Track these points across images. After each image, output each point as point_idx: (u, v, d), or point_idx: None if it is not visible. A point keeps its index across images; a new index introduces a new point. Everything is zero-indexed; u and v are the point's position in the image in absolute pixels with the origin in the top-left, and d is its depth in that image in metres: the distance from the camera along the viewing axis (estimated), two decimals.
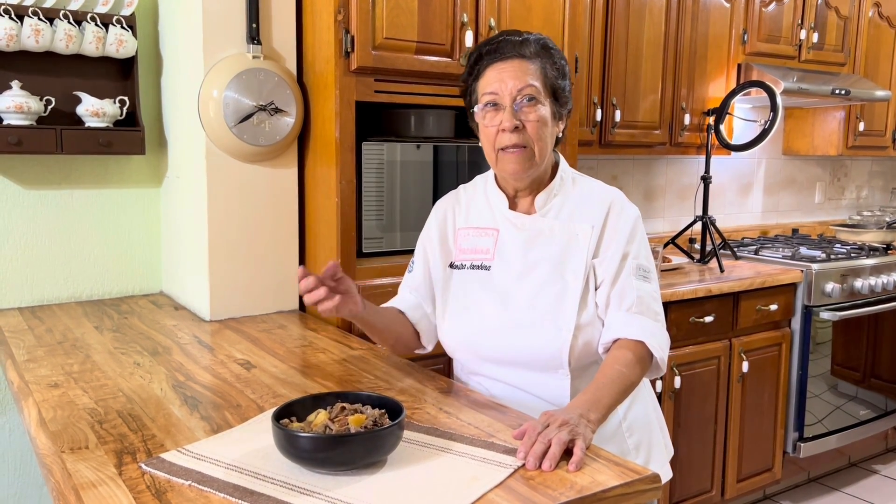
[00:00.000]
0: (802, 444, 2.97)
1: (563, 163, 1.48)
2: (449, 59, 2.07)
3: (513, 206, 1.46)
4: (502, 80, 1.34)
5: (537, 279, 1.38)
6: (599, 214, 1.40)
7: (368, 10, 1.92)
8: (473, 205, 1.50)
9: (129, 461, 1.10)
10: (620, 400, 1.27)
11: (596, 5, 2.70)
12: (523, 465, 1.08)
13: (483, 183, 1.51)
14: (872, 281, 3.07)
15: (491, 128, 1.37)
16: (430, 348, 1.55)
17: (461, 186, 1.57)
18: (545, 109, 1.36)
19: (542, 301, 1.37)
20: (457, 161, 2.27)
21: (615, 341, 1.34)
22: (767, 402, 2.89)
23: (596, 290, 1.38)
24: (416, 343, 1.53)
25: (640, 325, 1.33)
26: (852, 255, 3.16)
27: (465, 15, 2.07)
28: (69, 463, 1.09)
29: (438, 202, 1.57)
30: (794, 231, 3.94)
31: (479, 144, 1.43)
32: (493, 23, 2.12)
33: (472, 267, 1.45)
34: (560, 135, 1.44)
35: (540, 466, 1.07)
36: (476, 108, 1.40)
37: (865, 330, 3.18)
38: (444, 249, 1.51)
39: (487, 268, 1.43)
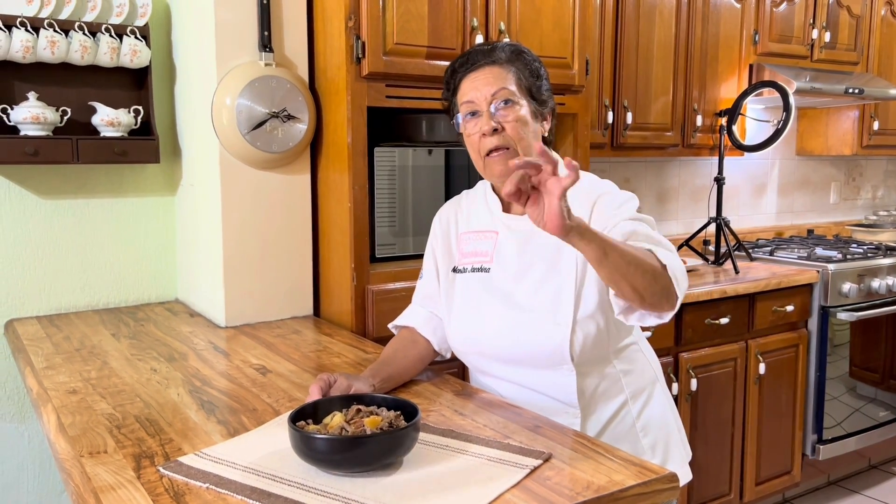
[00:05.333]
0: (821, 447, 2.94)
1: (556, 159, 1.47)
2: None
3: (507, 208, 1.48)
4: (477, 88, 1.37)
5: (534, 278, 1.39)
6: (588, 206, 1.38)
7: (379, 15, 1.93)
8: (475, 209, 1.53)
9: (148, 465, 1.11)
10: (623, 254, 1.14)
11: (606, 8, 2.71)
12: (539, 465, 1.08)
13: (483, 188, 1.54)
14: (890, 281, 3.04)
15: (473, 135, 1.39)
16: (448, 356, 1.56)
17: (464, 192, 1.60)
18: (523, 109, 1.37)
19: (541, 299, 1.38)
20: (469, 165, 2.27)
21: None
22: (785, 404, 2.87)
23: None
24: (432, 356, 1.56)
25: (648, 245, 1.24)
26: (869, 254, 3.13)
27: (474, 19, 2.08)
28: (88, 467, 1.10)
29: (441, 208, 1.60)
30: (810, 232, 3.91)
31: None
32: (502, 27, 2.12)
33: (473, 270, 1.47)
34: (546, 134, 1.44)
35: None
36: (458, 119, 1.42)
37: (884, 330, 3.15)
38: (448, 254, 1.53)
39: (487, 270, 1.45)
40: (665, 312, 1.25)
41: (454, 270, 1.51)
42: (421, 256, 1.64)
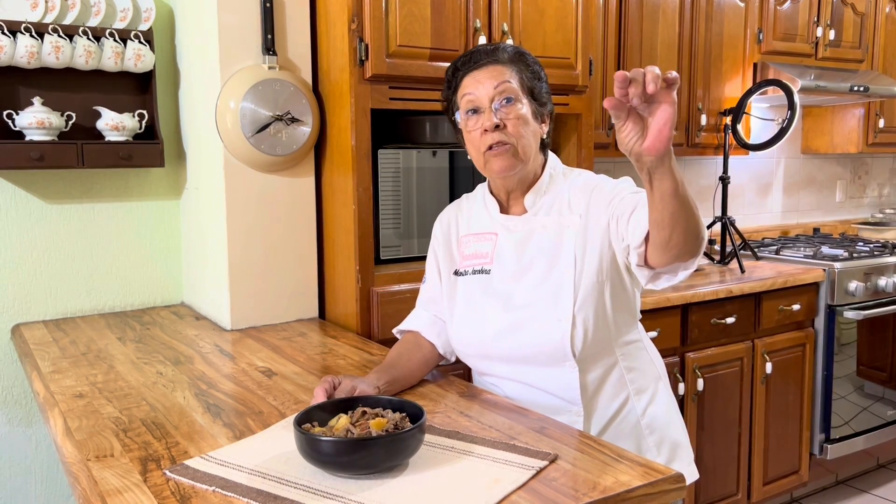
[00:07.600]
0: (829, 446, 2.93)
1: (553, 160, 1.50)
2: None
3: (505, 210, 1.49)
4: (480, 82, 1.38)
5: (534, 277, 1.40)
6: (585, 200, 1.40)
7: (382, 18, 1.93)
8: (474, 212, 1.54)
9: (154, 468, 1.11)
10: (687, 192, 1.12)
11: (609, 8, 2.70)
12: (545, 466, 1.08)
13: (482, 190, 1.55)
14: None
15: (474, 131, 1.40)
16: (453, 359, 1.57)
17: (464, 196, 1.62)
18: (524, 108, 1.38)
19: (540, 295, 1.38)
20: (473, 167, 2.26)
21: None
22: (792, 403, 2.86)
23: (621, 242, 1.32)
24: (437, 359, 1.56)
25: None
26: (875, 253, 3.12)
27: (477, 21, 2.08)
28: (95, 470, 1.10)
29: (442, 212, 1.61)
30: (816, 230, 3.90)
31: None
32: (505, 28, 2.12)
33: (474, 272, 1.48)
34: (545, 136, 1.45)
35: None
36: (457, 116, 1.43)
37: (891, 329, 3.14)
38: (449, 258, 1.55)
39: (487, 271, 1.46)
40: (691, 262, 1.21)
41: (456, 273, 1.52)
42: (426, 258, 1.65)
